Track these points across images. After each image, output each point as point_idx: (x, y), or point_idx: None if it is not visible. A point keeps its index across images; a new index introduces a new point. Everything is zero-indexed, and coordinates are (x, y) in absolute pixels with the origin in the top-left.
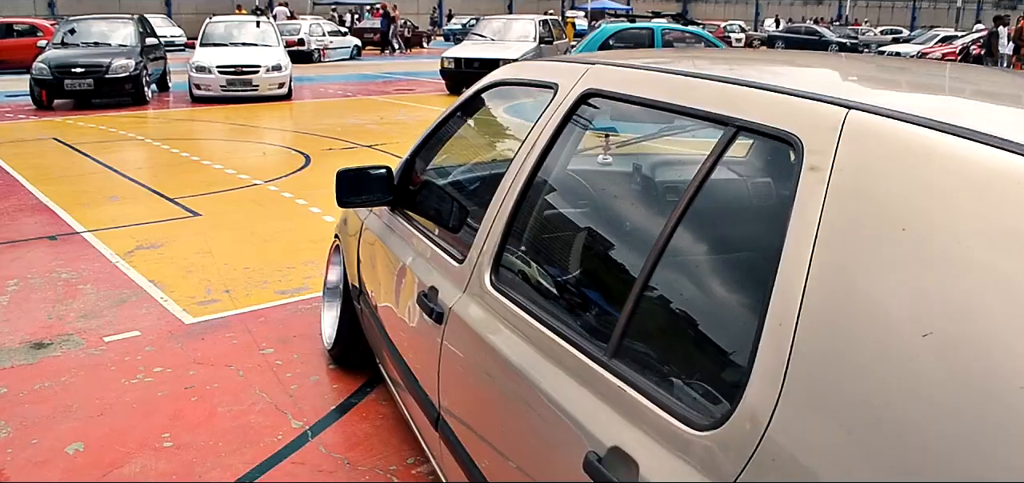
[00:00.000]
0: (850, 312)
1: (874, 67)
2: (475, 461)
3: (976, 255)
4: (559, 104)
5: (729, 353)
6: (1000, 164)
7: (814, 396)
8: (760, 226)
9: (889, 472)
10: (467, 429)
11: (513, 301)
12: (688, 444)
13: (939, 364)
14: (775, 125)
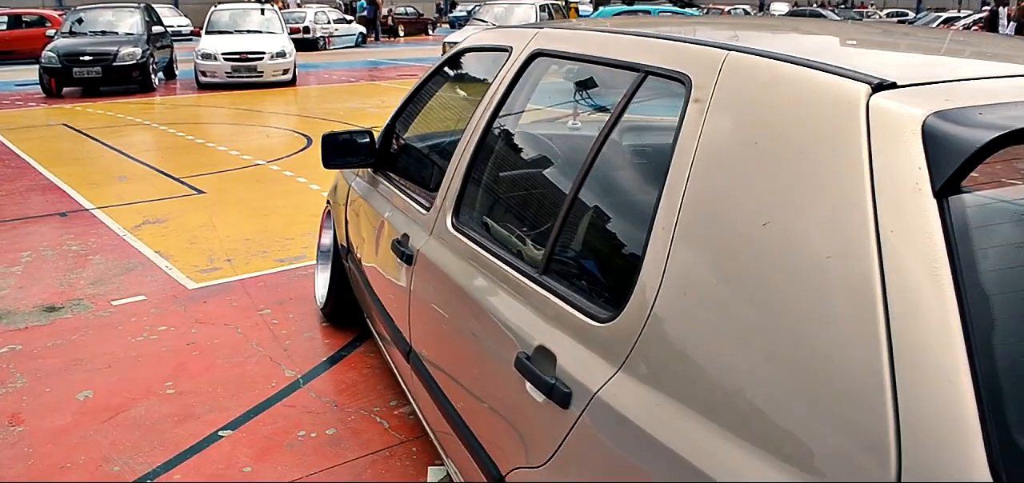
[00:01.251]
0: (713, 213)
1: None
2: (434, 378)
3: (805, 155)
4: (512, 64)
5: (627, 260)
6: (826, 83)
7: (684, 283)
8: (657, 154)
9: (737, 335)
10: (430, 352)
11: (469, 238)
12: (593, 336)
13: (773, 245)
14: (672, 68)
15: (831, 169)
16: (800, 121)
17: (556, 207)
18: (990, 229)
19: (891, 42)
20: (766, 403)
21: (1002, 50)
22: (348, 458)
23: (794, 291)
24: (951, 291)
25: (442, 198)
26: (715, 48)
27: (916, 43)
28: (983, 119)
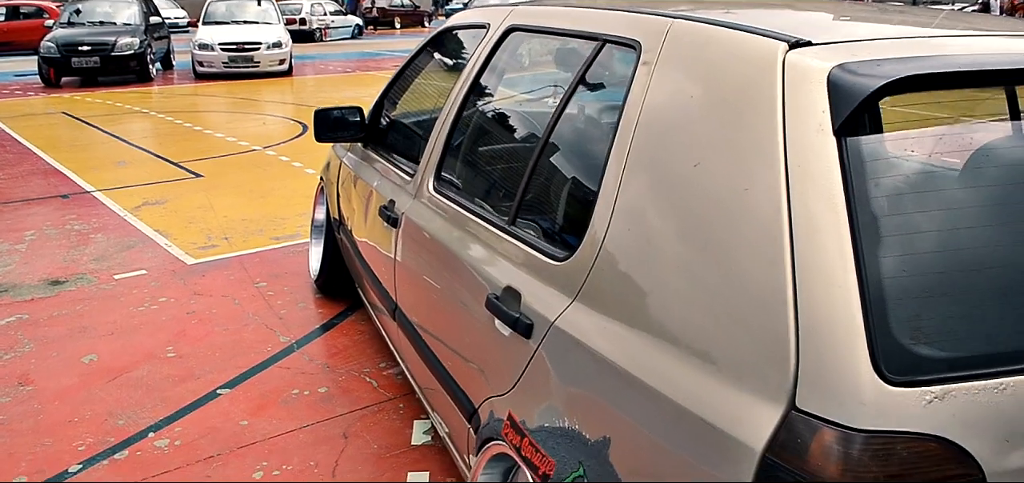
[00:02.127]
0: (654, 159)
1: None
2: (417, 330)
3: (730, 103)
4: (489, 39)
5: (582, 206)
6: (751, 42)
7: (629, 221)
8: (611, 113)
9: (672, 262)
10: (413, 306)
11: (448, 198)
12: (552, 274)
13: (702, 182)
14: (626, 35)
15: (751, 114)
16: (728, 75)
17: (524, 165)
18: (881, 162)
19: (826, 10)
20: (695, 318)
21: (923, 18)
22: (338, 413)
23: (718, 221)
24: (845, 215)
25: (424, 165)
26: (662, 17)
27: (848, 10)
28: (878, 70)
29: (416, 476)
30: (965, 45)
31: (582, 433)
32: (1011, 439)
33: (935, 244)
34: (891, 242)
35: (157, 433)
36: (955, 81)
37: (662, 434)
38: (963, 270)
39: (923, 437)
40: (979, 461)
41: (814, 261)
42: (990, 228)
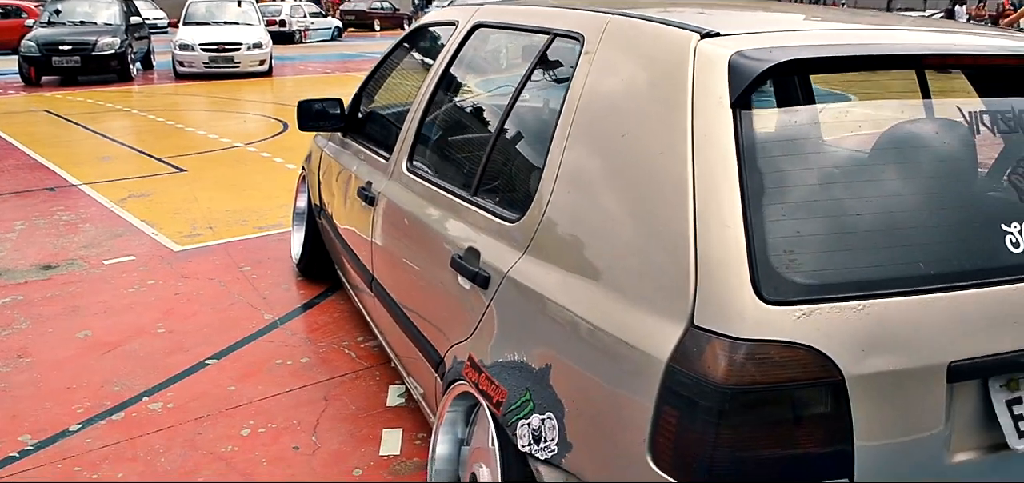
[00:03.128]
0: (591, 134)
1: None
2: (391, 296)
3: (652, 84)
4: (457, 35)
5: (532, 174)
6: (671, 33)
7: (569, 185)
8: (558, 96)
9: (602, 216)
10: (387, 275)
11: (419, 176)
12: (506, 233)
13: (628, 149)
14: (572, 29)
15: (667, 92)
16: (652, 60)
17: (485, 143)
18: (766, 129)
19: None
20: (618, 260)
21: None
22: (319, 379)
23: (639, 181)
24: (735, 171)
25: (399, 148)
26: (602, 14)
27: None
28: (768, 56)
29: (390, 432)
30: (854, 37)
31: (529, 364)
32: (866, 348)
33: (807, 195)
34: (771, 193)
35: (151, 398)
36: (832, 65)
37: (592, 356)
38: (829, 216)
39: (792, 345)
40: (839, 365)
41: (710, 209)
42: (851, 183)
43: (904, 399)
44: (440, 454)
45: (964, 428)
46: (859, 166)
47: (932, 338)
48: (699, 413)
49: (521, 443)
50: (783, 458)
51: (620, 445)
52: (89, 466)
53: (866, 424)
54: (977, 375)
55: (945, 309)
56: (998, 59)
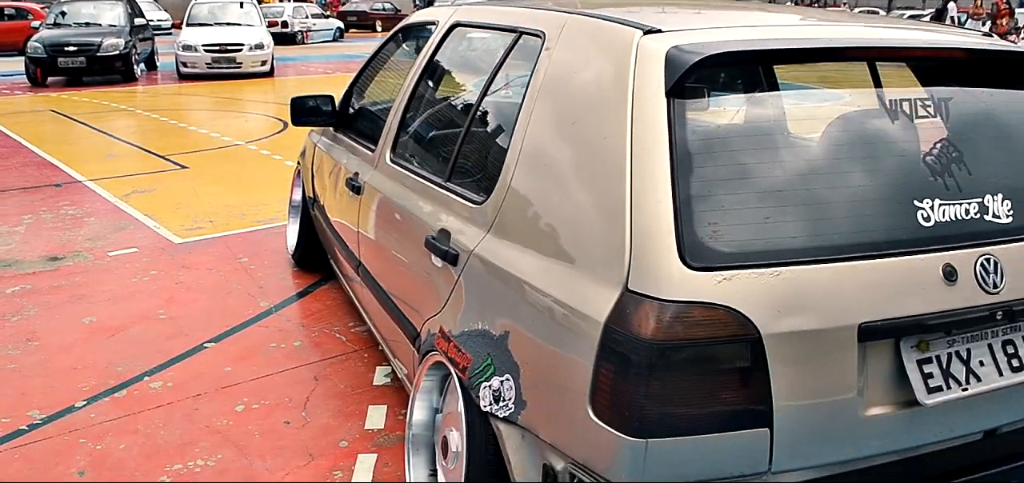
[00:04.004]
0: (549, 122)
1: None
2: (375, 277)
3: (599, 75)
4: (437, 34)
5: (498, 160)
6: (618, 30)
7: (527, 169)
8: (521, 88)
9: (554, 196)
10: (373, 258)
11: (401, 166)
12: (473, 213)
13: (578, 135)
14: (535, 27)
15: (612, 83)
16: (601, 54)
17: (458, 132)
18: (696, 115)
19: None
20: (567, 235)
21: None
22: (310, 361)
23: (586, 163)
24: (667, 153)
25: (383, 140)
26: (562, 13)
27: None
28: (700, 50)
29: (376, 409)
30: (787, 32)
31: (490, 331)
32: (781, 310)
33: (730, 174)
34: (699, 172)
35: (151, 377)
36: (757, 59)
37: (543, 321)
38: (750, 193)
39: (714, 306)
40: (756, 324)
41: (645, 187)
42: (773, 164)
43: (818, 356)
44: (416, 420)
45: (878, 385)
46: (780, 148)
47: (843, 302)
48: (632, 367)
49: (483, 403)
50: (707, 408)
51: (566, 400)
52: (93, 438)
53: (783, 378)
54: (888, 336)
55: (856, 276)
56: (918, 52)
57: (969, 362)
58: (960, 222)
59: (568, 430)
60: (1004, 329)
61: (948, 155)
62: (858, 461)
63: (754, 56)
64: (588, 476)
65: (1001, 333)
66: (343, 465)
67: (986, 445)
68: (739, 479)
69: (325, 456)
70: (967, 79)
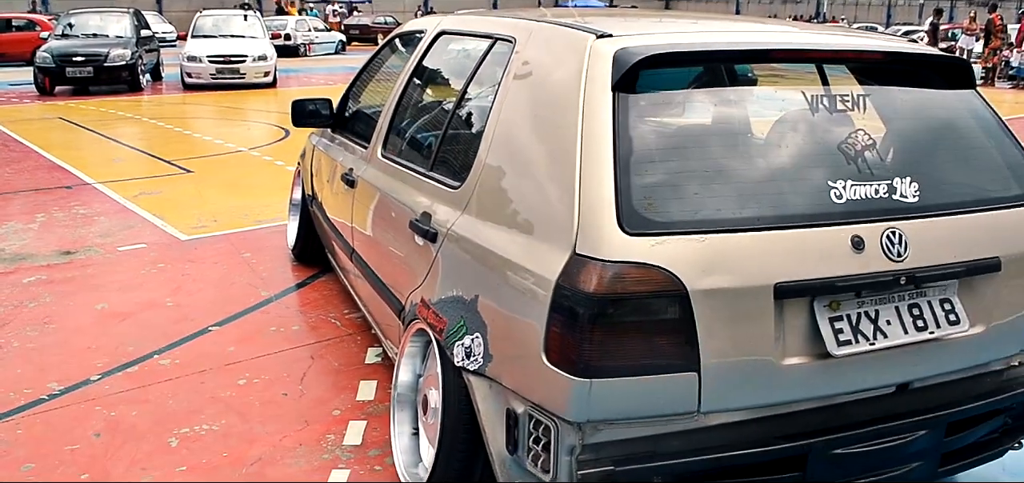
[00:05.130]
0: (514, 113)
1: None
2: (367, 262)
3: (558, 72)
4: (424, 41)
5: (473, 149)
6: (575, 35)
7: (497, 155)
8: (494, 87)
9: (517, 176)
10: (365, 245)
11: (390, 159)
12: (451, 196)
13: (537, 124)
14: (508, 34)
15: (568, 78)
16: (559, 55)
17: (441, 126)
18: (637, 107)
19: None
20: (528, 209)
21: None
22: (307, 342)
23: (545, 148)
24: (610, 138)
25: (375, 138)
26: (530, 22)
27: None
28: (644, 51)
29: (367, 383)
30: (722, 37)
31: (463, 297)
32: (705, 270)
33: (665, 155)
34: (637, 153)
35: (160, 355)
36: (693, 59)
37: (507, 284)
38: (682, 171)
39: (647, 266)
40: (683, 281)
41: (591, 166)
42: (702, 148)
43: (739, 311)
44: (401, 381)
45: (795, 338)
46: (709, 134)
47: (760, 265)
48: (578, 318)
49: (456, 359)
50: (642, 353)
51: (525, 350)
52: (107, 406)
53: (708, 329)
54: (802, 295)
55: (773, 243)
56: (836, 54)
57: (877, 321)
58: (869, 200)
59: (527, 376)
60: (910, 293)
61: (862, 143)
62: (779, 406)
63: (688, 57)
64: (544, 415)
65: (907, 297)
66: (335, 430)
67: (900, 399)
68: (672, 417)
69: (319, 422)
70: (883, 78)
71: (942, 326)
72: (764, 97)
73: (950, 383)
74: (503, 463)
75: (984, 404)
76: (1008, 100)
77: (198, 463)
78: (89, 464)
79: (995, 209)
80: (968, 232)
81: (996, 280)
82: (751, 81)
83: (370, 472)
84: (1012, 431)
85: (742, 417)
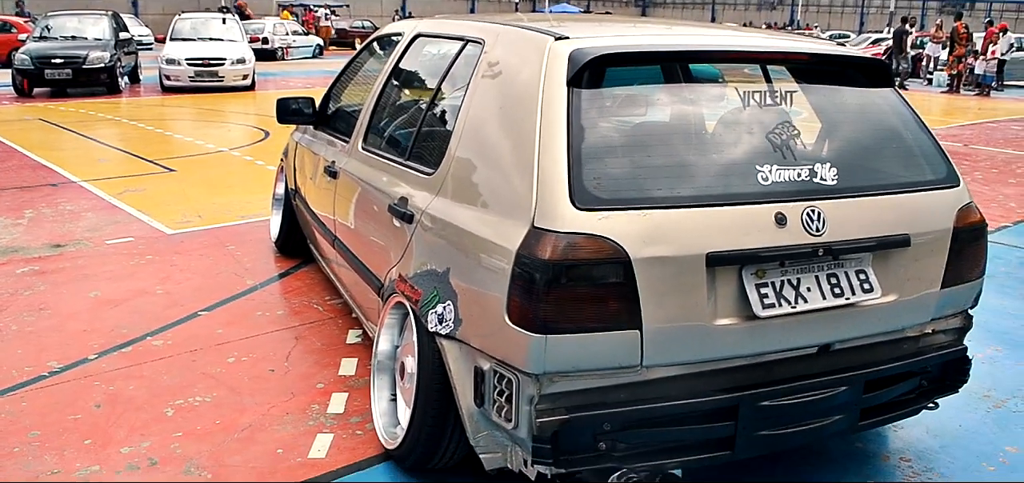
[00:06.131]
0: (481, 107)
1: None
2: (348, 247)
3: (520, 70)
4: (403, 43)
5: (446, 140)
6: (536, 37)
7: (466, 144)
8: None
9: (484, 163)
10: (346, 232)
11: (369, 151)
12: (426, 182)
13: (502, 115)
14: (476, 36)
15: (529, 76)
16: (522, 54)
17: (417, 119)
18: (588, 100)
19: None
20: (492, 189)
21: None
22: (291, 325)
23: (508, 137)
24: (565, 126)
25: (356, 132)
26: (498, 25)
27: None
28: (595, 51)
29: (348, 361)
30: (666, 41)
31: (436, 270)
32: (646, 241)
33: (612, 141)
34: (588, 140)
35: (153, 337)
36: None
37: (473, 256)
38: (627, 156)
39: (595, 237)
40: (626, 250)
41: (548, 151)
42: (645, 135)
43: (675, 276)
44: (381, 349)
45: (726, 302)
46: (652, 124)
47: (694, 237)
48: (535, 282)
49: (430, 326)
50: (591, 313)
51: (489, 313)
52: (106, 381)
53: (649, 292)
54: (732, 263)
55: (705, 218)
56: (767, 55)
57: (798, 288)
58: (792, 182)
59: (491, 336)
60: (828, 264)
61: (787, 133)
62: (713, 362)
63: (633, 57)
64: (507, 370)
65: (826, 267)
66: (319, 400)
67: (821, 359)
68: (618, 370)
69: (304, 394)
70: (811, 77)
71: (857, 293)
72: (703, 92)
73: (868, 346)
74: (472, 416)
75: (899, 366)
76: (973, 107)
77: (193, 430)
78: (91, 431)
79: (906, 192)
80: (881, 211)
81: (906, 255)
82: (692, 78)
83: (352, 436)
84: (928, 392)
85: (680, 372)
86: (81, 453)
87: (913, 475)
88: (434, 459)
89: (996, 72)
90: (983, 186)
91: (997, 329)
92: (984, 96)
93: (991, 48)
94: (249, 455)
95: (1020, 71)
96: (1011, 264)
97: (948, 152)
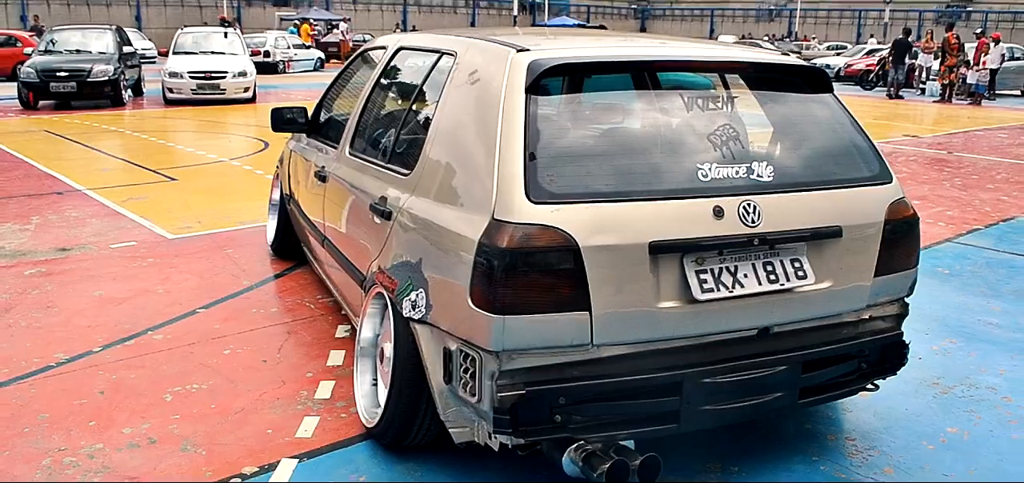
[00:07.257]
0: (452, 113)
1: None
2: (335, 245)
3: (486, 78)
4: (387, 55)
5: (421, 144)
6: (501, 49)
7: (437, 147)
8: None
9: (451, 164)
10: (334, 231)
11: (355, 156)
12: (403, 182)
13: (469, 122)
14: (450, 49)
15: (492, 84)
16: (487, 66)
17: (396, 125)
18: (545, 106)
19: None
20: (458, 187)
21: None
22: (284, 321)
23: (473, 139)
24: (522, 129)
25: (343, 139)
26: (469, 39)
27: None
28: (552, 61)
29: (336, 353)
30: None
31: (410, 260)
32: (594, 230)
33: (565, 143)
34: (543, 142)
35: (154, 332)
36: (590, 69)
37: (442, 246)
38: (578, 155)
39: (548, 227)
40: (576, 239)
41: (507, 151)
42: (595, 137)
43: (621, 263)
44: (363, 337)
45: (668, 287)
46: (601, 126)
47: (637, 227)
48: (494, 268)
49: (404, 312)
50: (544, 296)
51: (455, 297)
52: (109, 371)
53: (597, 277)
54: (673, 251)
55: (649, 211)
56: (709, 64)
57: (736, 274)
58: (730, 178)
59: (457, 318)
60: (764, 253)
61: (727, 134)
62: (658, 342)
63: (586, 67)
64: (471, 349)
65: (762, 256)
66: (309, 387)
67: (761, 341)
68: (570, 348)
69: (295, 382)
70: (756, 83)
71: (792, 280)
72: (652, 96)
73: (806, 329)
74: (441, 393)
75: (836, 348)
76: (963, 115)
77: (190, 413)
78: (95, 414)
79: (839, 188)
80: (814, 205)
81: (840, 245)
82: (644, 84)
83: (337, 418)
84: (867, 374)
85: (629, 350)
86: (86, 433)
87: (855, 453)
88: (409, 435)
89: (988, 82)
90: (961, 191)
91: (956, 323)
92: (976, 105)
93: (983, 59)
94: (241, 435)
95: (1013, 80)
96: (977, 264)
97: (934, 158)
